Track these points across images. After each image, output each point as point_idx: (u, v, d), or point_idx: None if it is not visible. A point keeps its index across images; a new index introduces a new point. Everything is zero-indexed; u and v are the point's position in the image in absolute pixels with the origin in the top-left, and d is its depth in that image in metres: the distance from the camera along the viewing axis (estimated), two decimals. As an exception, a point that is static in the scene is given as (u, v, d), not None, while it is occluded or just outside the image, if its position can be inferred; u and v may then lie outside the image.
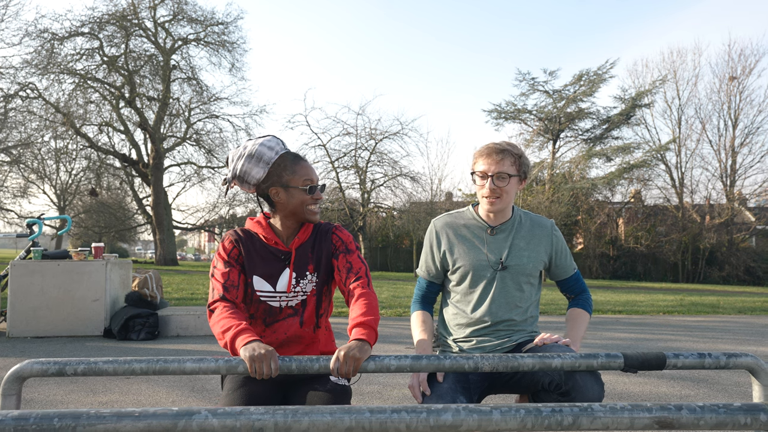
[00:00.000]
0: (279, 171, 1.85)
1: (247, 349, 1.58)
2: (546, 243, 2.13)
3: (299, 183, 1.84)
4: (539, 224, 2.15)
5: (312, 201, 1.87)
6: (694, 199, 30.49)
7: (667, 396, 3.46)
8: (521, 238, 2.10)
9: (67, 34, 25.28)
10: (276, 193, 1.88)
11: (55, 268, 5.51)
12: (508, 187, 2.01)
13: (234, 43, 28.39)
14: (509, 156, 2.00)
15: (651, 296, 14.39)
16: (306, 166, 1.88)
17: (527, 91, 29.94)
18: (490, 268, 2.07)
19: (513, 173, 2.01)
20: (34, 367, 1.59)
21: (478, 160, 2.05)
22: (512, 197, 2.06)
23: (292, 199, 1.85)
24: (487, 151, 2.02)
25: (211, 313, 1.80)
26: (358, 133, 25.87)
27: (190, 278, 16.10)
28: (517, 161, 2.02)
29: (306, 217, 1.88)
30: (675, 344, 5.78)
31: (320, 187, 1.89)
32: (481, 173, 2.03)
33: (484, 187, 2.02)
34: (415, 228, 24.93)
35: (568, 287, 2.22)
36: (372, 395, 3.33)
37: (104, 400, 3.14)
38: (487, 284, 2.07)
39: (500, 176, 1.99)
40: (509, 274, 2.07)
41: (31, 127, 26.45)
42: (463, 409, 1.14)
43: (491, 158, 2.00)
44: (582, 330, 2.11)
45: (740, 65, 29.66)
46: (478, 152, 2.06)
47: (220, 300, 1.80)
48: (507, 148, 2.02)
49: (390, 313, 8.12)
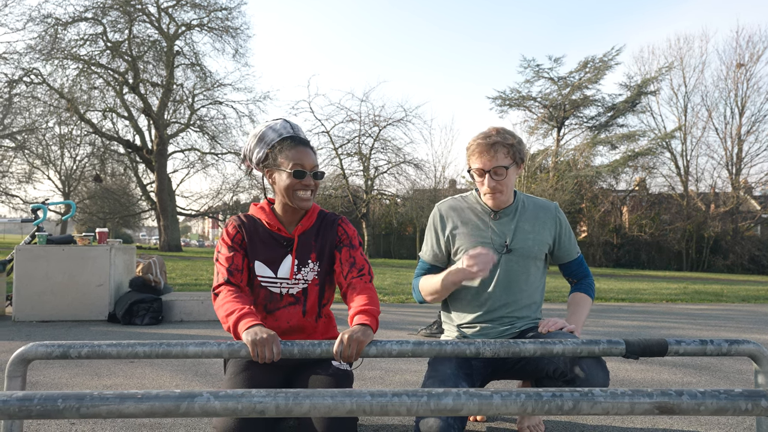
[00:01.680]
0: (275, 153, 1.85)
1: (249, 333, 1.58)
2: (550, 225, 2.12)
3: (288, 166, 1.82)
4: (543, 207, 2.14)
5: (300, 186, 1.83)
6: (699, 188, 30.37)
7: (668, 383, 3.46)
8: (526, 221, 2.09)
9: (71, 20, 25.20)
10: (269, 175, 1.88)
11: (60, 253, 5.54)
12: (507, 179, 2.00)
13: (237, 29, 28.27)
14: (501, 147, 1.97)
15: (654, 284, 14.39)
16: (301, 150, 1.84)
17: (532, 78, 29.79)
18: (495, 251, 2.07)
19: (509, 164, 1.99)
20: (38, 349, 1.60)
21: (471, 157, 2.02)
22: (512, 185, 2.06)
23: (281, 183, 1.84)
24: (479, 148, 1.99)
25: (215, 296, 1.81)
26: (361, 120, 25.83)
27: (193, 264, 16.16)
28: (510, 150, 1.98)
29: (294, 203, 1.85)
30: (678, 332, 5.79)
31: (313, 173, 1.85)
32: (477, 171, 2.01)
33: (483, 183, 2.01)
34: (419, 215, 24.92)
35: (571, 271, 2.21)
36: (373, 380, 3.34)
37: (108, 383, 3.16)
38: (492, 268, 2.06)
39: (497, 172, 1.98)
40: (514, 257, 2.06)
41: (35, 112, 26.50)
42: (463, 393, 1.15)
43: (484, 155, 1.98)
44: (584, 315, 2.11)
45: (748, 52, 29.38)
46: (470, 149, 2.02)
47: (225, 284, 1.81)
48: (497, 140, 1.97)
49: (392, 299, 8.14)
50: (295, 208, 1.88)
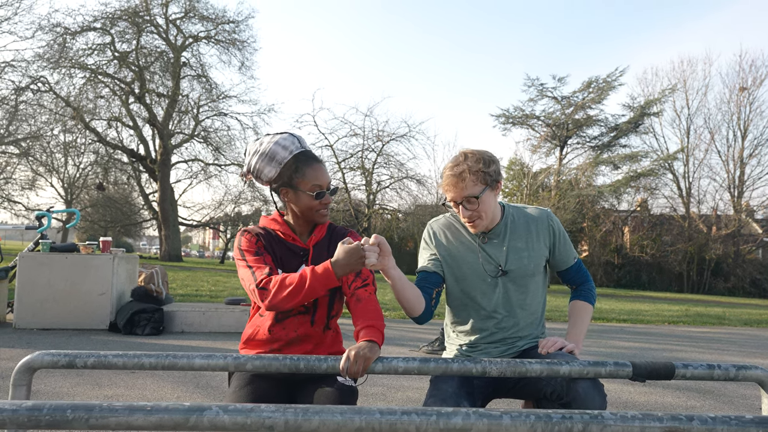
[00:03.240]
0: (290, 172, 1.83)
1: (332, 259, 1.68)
2: (544, 236, 2.07)
3: (307, 187, 1.82)
4: (534, 218, 2.08)
5: (320, 206, 1.85)
6: (700, 210, 30.37)
7: (673, 407, 3.44)
8: (518, 239, 2.04)
9: (80, 29, 25.46)
10: (285, 194, 1.87)
11: (63, 261, 5.54)
12: (483, 205, 1.95)
13: (244, 42, 28.51)
14: (469, 175, 1.91)
15: (656, 306, 14.33)
16: (317, 168, 1.84)
17: (536, 97, 29.93)
18: (489, 275, 2.04)
19: (479, 192, 1.93)
20: (44, 358, 1.59)
21: (444, 187, 1.99)
22: (492, 207, 1.99)
23: (300, 202, 1.84)
24: (447, 180, 1.95)
25: (262, 291, 1.72)
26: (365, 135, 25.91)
27: (194, 275, 16.14)
28: (479, 176, 1.92)
29: (315, 220, 1.89)
30: (680, 354, 5.76)
31: (330, 191, 1.87)
32: (451, 200, 1.99)
33: (460, 213, 1.99)
34: (420, 231, 24.89)
35: (570, 277, 2.15)
36: (375, 396, 3.33)
37: (109, 393, 3.15)
38: (489, 291, 2.02)
39: (468, 201, 1.94)
40: (510, 279, 2.02)
41: (41, 120, 26.66)
42: (473, 412, 1.14)
43: (454, 187, 1.94)
44: (584, 326, 2.06)
45: (751, 76, 29.59)
46: (443, 179, 1.99)
47: (268, 276, 1.74)
48: (464, 168, 1.92)
49: (394, 315, 8.12)
50: (310, 222, 1.90)
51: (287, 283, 1.69)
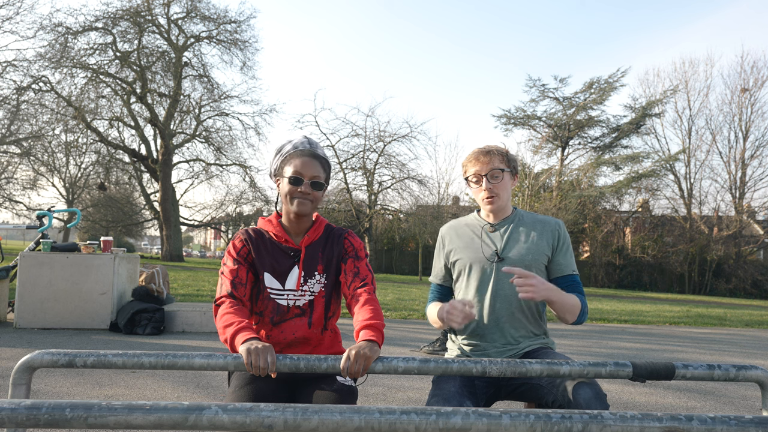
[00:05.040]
0: (283, 163, 1.90)
1: (245, 345, 1.59)
2: (548, 236, 2.08)
3: (288, 173, 1.86)
4: (543, 221, 2.12)
5: (298, 194, 1.85)
6: (702, 211, 30.33)
7: (673, 407, 3.44)
8: (521, 232, 2.10)
9: (81, 29, 25.47)
10: (277, 183, 1.93)
11: (64, 260, 5.54)
12: (503, 183, 2.07)
13: (246, 42, 28.53)
14: (497, 154, 2.08)
15: (657, 306, 14.31)
16: (305, 160, 1.86)
17: (537, 98, 29.93)
18: (487, 260, 2.06)
19: (505, 168, 2.07)
20: (44, 357, 1.60)
21: (468, 165, 2.13)
22: (508, 193, 2.10)
23: (282, 189, 1.89)
24: (475, 155, 2.11)
25: (217, 307, 1.82)
26: (367, 135, 25.90)
27: (195, 275, 16.14)
28: (504, 158, 2.09)
29: (291, 208, 1.87)
30: (681, 355, 5.75)
31: (312, 183, 1.85)
32: (474, 175, 2.09)
33: (481, 189, 2.07)
34: (421, 231, 24.88)
35: (563, 287, 2.07)
36: (376, 396, 3.32)
37: (110, 393, 3.15)
38: (485, 278, 2.05)
39: (493, 174, 2.05)
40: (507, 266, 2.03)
41: (42, 119, 26.68)
42: (472, 412, 1.14)
43: (480, 160, 2.08)
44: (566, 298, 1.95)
45: (752, 77, 29.55)
46: (466, 160, 2.14)
47: (228, 296, 1.82)
48: (492, 148, 2.10)
49: (395, 315, 8.11)
50: (297, 217, 1.89)
51: (221, 317, 1.74)
